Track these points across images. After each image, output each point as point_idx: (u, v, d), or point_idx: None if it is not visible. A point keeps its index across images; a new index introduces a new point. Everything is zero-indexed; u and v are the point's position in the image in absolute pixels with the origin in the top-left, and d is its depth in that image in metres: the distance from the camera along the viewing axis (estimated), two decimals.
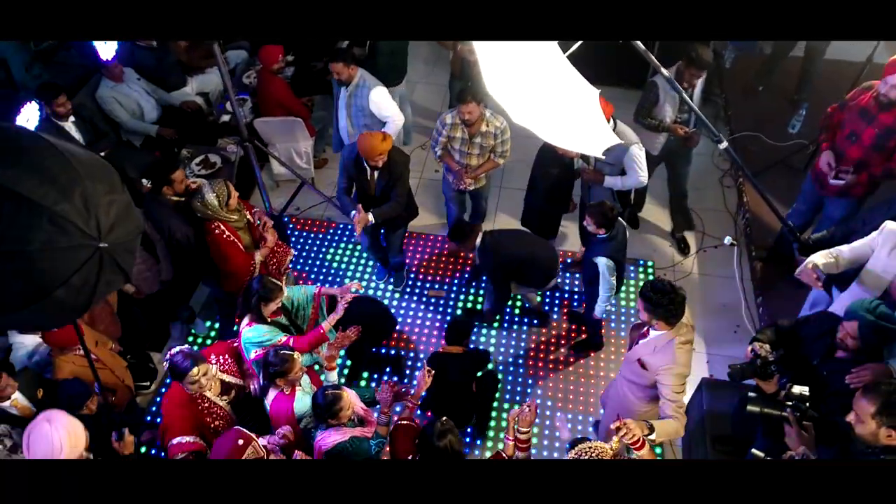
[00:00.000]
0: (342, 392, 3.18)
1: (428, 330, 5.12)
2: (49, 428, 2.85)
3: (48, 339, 3.48)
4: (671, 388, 3.04)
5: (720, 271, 5.40)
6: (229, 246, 4.09)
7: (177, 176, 4.04)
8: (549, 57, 2.32)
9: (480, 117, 4.52)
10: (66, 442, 2.84)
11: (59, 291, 1.74)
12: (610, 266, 4.01)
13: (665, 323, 3.04)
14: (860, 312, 2.66)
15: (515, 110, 2.19)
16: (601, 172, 4.48)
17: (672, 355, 3.05)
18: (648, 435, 2.83)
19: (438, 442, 2.95)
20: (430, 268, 5.58)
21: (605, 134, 2.52)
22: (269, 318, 3.58)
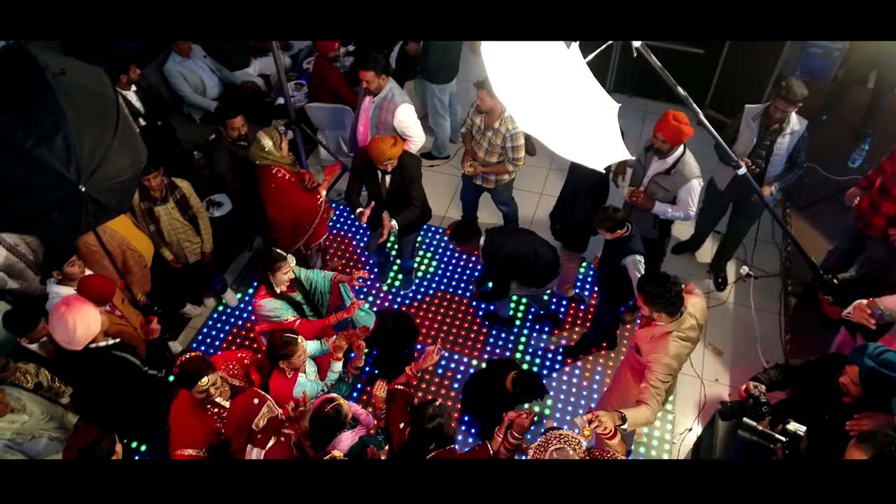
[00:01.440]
0: (339, 402, 3.19)
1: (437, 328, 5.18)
2: (65, 310, 3.17)
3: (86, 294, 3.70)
4: (655, 374, 3.09)
5: (757, 303, 5.20)
6: (293, 187, 4.35)
7: (234, 122, 4.33)
8: (562, 63, 2.30)
9: (498, 113, 4.51)
10: (79, 324, 3.17)
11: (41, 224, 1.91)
12: (639, 261, 3.91)
13: (666, 315, 3.09)
14: (863, 357, 2.53)
15: (521, 115, 2.17)
16: (652, 197, 4.28)
17: (665, 345, 3.10)
18: (621, 425, 2.85)
19: (427, 424, 3.00)
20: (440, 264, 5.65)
21: (614, 150, 2.47)
22: (285, 293, 3.70)
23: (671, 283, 3.03)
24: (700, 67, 6.49)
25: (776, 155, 4.26)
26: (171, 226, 4.50)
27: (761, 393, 2.82)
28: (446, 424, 3.06)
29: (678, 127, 3.93)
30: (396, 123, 4.70)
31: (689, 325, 3.13)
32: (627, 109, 6.72)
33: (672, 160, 4.11)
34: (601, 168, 2.34)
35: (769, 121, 4.18)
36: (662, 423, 4.58)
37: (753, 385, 2.87)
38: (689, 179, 4.09)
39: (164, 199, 4.39)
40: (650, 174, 4.24)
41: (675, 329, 3.11)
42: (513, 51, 2.17)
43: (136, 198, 4.31)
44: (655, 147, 4.09)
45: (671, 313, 3.08)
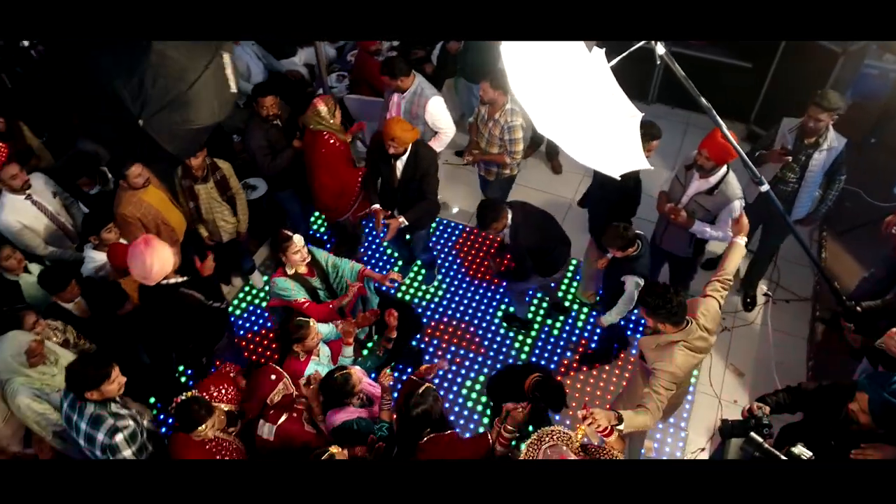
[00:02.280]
0: (350, 371, 3.34)
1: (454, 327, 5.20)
2: (143, 249, 3.46)
3: (113, 261, 3.91)
4: (658, 381, 3.06)
5: (785, 327, 5.06)
6: (342, 156, 4.53)
7: (265, 101, 4.51)
8: (584, 67, 2.28)
9: (500, 105, 4.54)
10: (155, 261, 3.46)
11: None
12: (638, 284, 3.89)
13: (671, 325, 3.06)
14: (873, 386, 2.45)
15: (539, 117, 2.16)
16: (692, 216, 4.14)
17: (671, 355, 3.07)
18: (617, 425, 2.84)
19: (412, 412, 3.04)
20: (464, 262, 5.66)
21: (633, 159, 2.44)
22: (302, 275, 3.78)
23: (672, 294, 3.00)
24: (746, 82, 6.35)
25: (811, 171, 4.12)
26: (209, 204, 4.64)
27: (764, 414, 2.76)
28: (433, 410, 3.08)
29: (725, 146, 3.71)
30: (428, 117, 4.78)
31: (698, 336, 3.09)
32: (669, 121, 6.62)
33: (715, 180, 3.97)
34: (617, 176, 2.33)
35: (805, 134, 4.05)
36: (674, 440, 4.50)
37: (758, 406, 2.81)
38: (732, 200, 3.96)
39: (205, 178, 4.54)
40: (690, 193, 4.10)
41: (682, 339, 3.07)
42: (533, 51, 2.16)
43: (179, 174, 4.51)
44: (698, 164, 3.93)
45: (675, 323, 3.05)
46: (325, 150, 4.57)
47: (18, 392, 3.31)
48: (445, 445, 3.07)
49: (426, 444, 3.06)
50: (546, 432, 2.82)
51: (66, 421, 3.08)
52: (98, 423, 2.99)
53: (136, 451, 3.08)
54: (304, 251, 3.76)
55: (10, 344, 3.31)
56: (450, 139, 4.98)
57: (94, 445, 3.02)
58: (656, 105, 6.97)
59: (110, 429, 2.99)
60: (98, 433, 2.99)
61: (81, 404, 3.01)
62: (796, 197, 4.25)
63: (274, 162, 4.75)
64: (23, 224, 4.16)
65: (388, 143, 4.19)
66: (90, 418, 2.99)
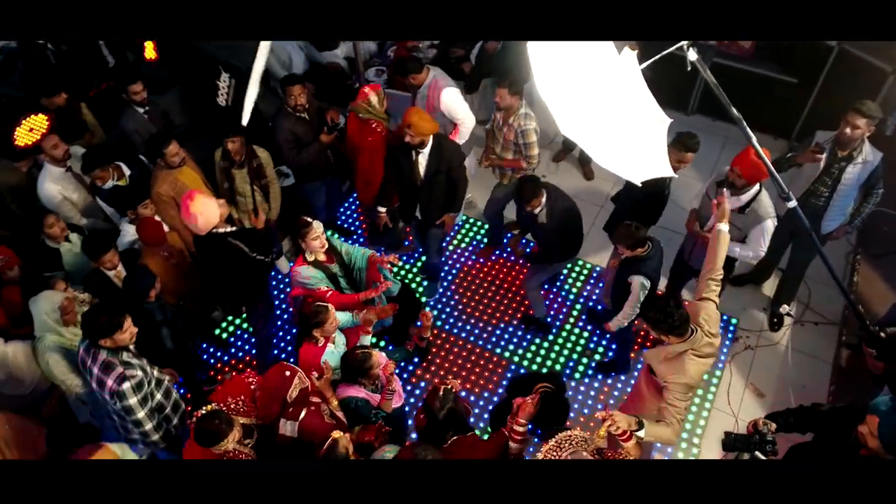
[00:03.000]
0: (372, 352, 3.42)
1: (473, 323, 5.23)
2: (190, 203, 3.73)
3: (140, 234, 4.08)
4: (674, 395, 3.03)
5: (811, 349, 4.93)
6: (384, 146, 4.67)
7: (293, 90, 4.61)
8: (613, 69, 2.26)
9: (514, 110, 4.53)
10: (201, 215, 3.72)
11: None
12: (644, 285, 3.85)
13: (675, 337, 3.04)
14: (883, 408, 2.39)
15: (562, 117, 2.14)
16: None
17: (682, 366, 3.04)
18: (637, 430, 2.83)
19: (440, 414, 3.10)
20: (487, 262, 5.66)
21: (656, 166, 2.42)
22: (322, 262, 3.87)
23: (672, 308, 2.97)
24: (790, 98, 6.20)
25: (843, 185, 4.02)
26: (242, 188, 4.77)
27: (769, 431, 2.71)
28: (457, 408, 3.14)
29: (758, 164, 3.60)
30: (443, 107, 4.80)
31: (705, 343, 3.05)
32: (707, 133, 6.49)
33: (746, 198, 3.89)
34: (638, 182, 2.31)
35: (839, 145, 3.95)
36: (686, 455, 4.44)
37: (763, 422, 2.76)
38: (764, 220, 3.88)
39: (242, 164, 4.66)
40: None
41: (689, 348, 3.03)
42: (561, 50, 2.14)
43: (218, 155, 4.65)
44: (729, 180, 3.85)
45: (679, 334, 3.02)
46: (371, 137, 4.76)
47: (49, 349, 3.49)
48: (468, 446, 3.12)
49: (450, 446, 3.11)
50: (564, 438, 2.81)
51: (81, 364, 3.29)
52: (108, 369, 3.17)
53: (140, 399, 3.24)
54: (322, 238, 3.83)
55: (45, 302, 3.49)
56: (470, 130, 5.00)
57: (103, 389, 3.20)
58: (696, 116, 6.85)
59: (119, 376, 3.16)
60: (108, 378, 3.17)
61: (95, 350, 3.19)
62: (826, 211, 4.14)
63: (299, 155, 4.83)
64: (63, 195, 4.38)
65: (405, 132, 4.22)
66: (102, 364, 3.18)
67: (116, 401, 3.21)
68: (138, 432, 3.39)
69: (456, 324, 5.19)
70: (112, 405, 3.25)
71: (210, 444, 2.95)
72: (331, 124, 4.86)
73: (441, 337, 5.10)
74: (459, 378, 4.82)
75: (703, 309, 3.17)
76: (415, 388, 4.75)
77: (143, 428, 3.36)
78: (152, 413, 3.36)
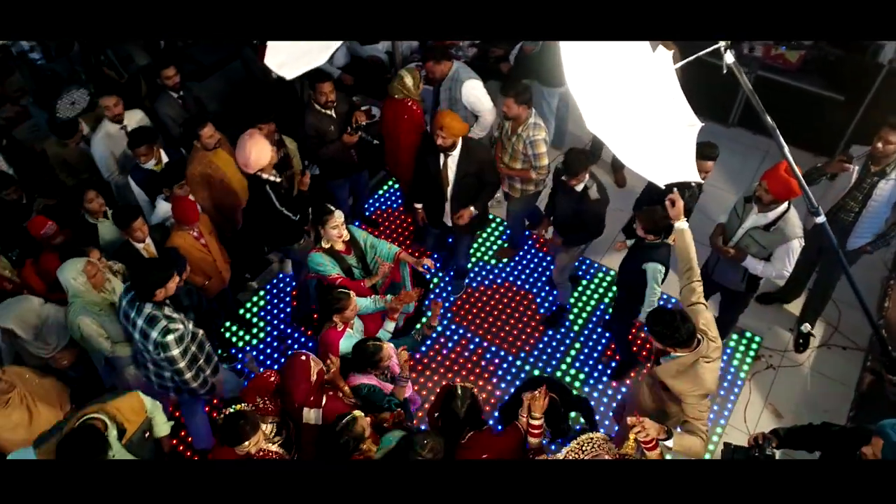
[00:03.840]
0: (384, 345, 3.50)
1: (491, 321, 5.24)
2: (247, 139, 4.08)
3: (174, 212, 4.22)
4: (694, 408, 3.00)
5: (836, 374, 4.80)
6: (419, 126, 4.85)
7: (323, 87, 4.70)
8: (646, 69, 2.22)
9: (523, 120, 4.51)
10: (253, 151, 4.04)
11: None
12: (659, 272, 3.82)
13: (682, 348, 3.00)
14: (888, 430, 2.33)
15: (590, 114, 2.09)
16: (744, 251, 3.98)
17: (698, 376, 3.00)
18: (665, 440, 2.81)
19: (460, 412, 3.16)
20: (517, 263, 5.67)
21: (683, 169, 2.39)
22: (339, 252, 3.96)
23: (680, 322, 2.93)
24: (836, 115, 6.04)
25: (874, 201, 3.93)
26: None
27: (770, 446, 2.66)
28: (475, 404, 3.19)
29: (788, 181, 3.54)
30: (465, 99, 4.83)
31: (713, 348, 3.03)
32: (747, 147, 6.39)
33: (773, 216, 3.81)
34: (661, 184, 2.30)
35: (873, 160, 3.86)
36: None
37: (765, 436, 2.72)
38: (790, 239, 3.79)
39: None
40: (746, 226, 3.95)
41: (700, 357, 3.00)
42: (594, 48, 2.09)
43: None
44: (757, 195, 3.79)
45: (687, 346, 2.98)
46: (407, 115, 4.90)
47: (79, 312, 3.65)
48: (485, 442, 3.16)
49: (468, 442, 3.15)
50: (586, 440, 2.81)
51: (124, 318, 3.50)
52: (153, 323, 3.39)
53: (181, 351, 3.48)
54: (342, 228, 3.91)
55: (70, 267, 3.66)
56: (490, 122, 5.01)
57: (147, 341, 3.43)
58: (737, 129, 6.72)
59: (163, 329, 3.39)
60: (153, 331, 3.39)
61: (140, 305, 3.41)
62: (854, 226, 4.03)
63: (320, 150, 4.90)
64: (111, 150, 4.71)
65: (437, 134, 4.23)
66: (147, 317, 3.40)
67: (160, 351, 3.44)
68: (179, 380, 3.64)
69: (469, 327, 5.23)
70: (154, 355, 3.46)
71: (233, 443, 2.99)
72: (355, 125, 4.88)
73: (452, 340, 5.16)
74: (471, 378, 4.87)
75: (699, 315, 3.13)
76: (419, 377, 4.84)
77: (184, 376, 3.61)
78: (190, 364, 3.58)
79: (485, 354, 5.04)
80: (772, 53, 6.29)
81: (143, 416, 3.23)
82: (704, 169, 4.09)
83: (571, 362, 4.98)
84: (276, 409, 3.39)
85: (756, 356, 4.97)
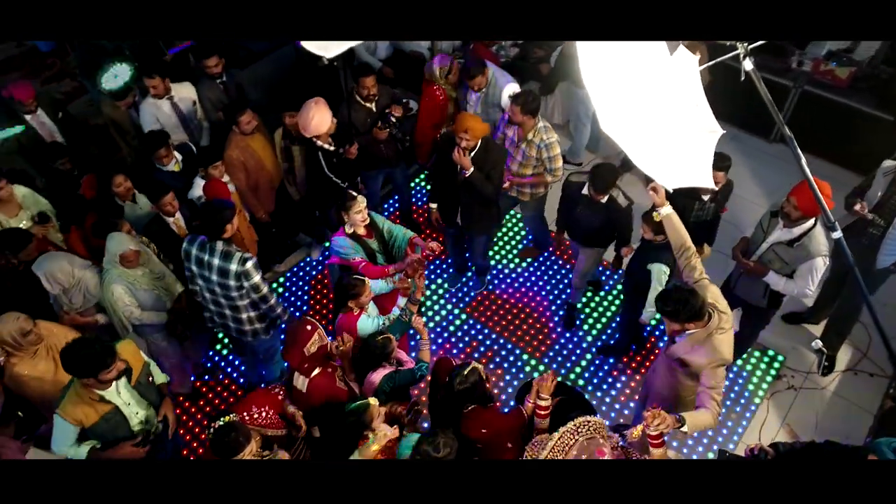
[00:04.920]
0: (390, 337, 3.65)
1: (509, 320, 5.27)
2: (312, 104, 4.39)
3: (206, 191, 4.43)
4: (712, 377, 3.06)
5: (860, 400, 4.68)
6: (442, 109, 5.11)
7: (366, 81, 4.82)
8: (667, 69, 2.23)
9: (531, 126, 4.51)
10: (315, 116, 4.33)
11: None
12: (664, 273, 3.87)
13: (696, 322, 3.06)
14: (883, 448, 2.30)
15: (605, 113, 2.10)
16: (766, 266, 3.93)
17: (713, 347, 3.07)
18: (679, 427, 2.85)
19: (458, 386, 3.22)
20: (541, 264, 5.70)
21: (697, 175, 2.38)
22: (361, 236, 4.07)
23: (687, 294, 3.01)
24: (884, 135, 5.83)
25: None
26: (301, 168, 4.94)
27: (766, 458, 2.64)
28: (477, 387, 3.23)
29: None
30: (504, 102, 4.92)
31: (725, 319, 3.10)
32: (787, 164, 6.22)
33: (798, 231, 3.74)
34: (670, 188, 2.31)
35: None
36: None
37: (761, 447, 2.71)
38: (814, 257, 3.71)
39: (302, 141, 4.80)
40: (770, 241, 3.90)
41: (713, 329, 3.07)
42: (613, 48, 2.08)
43: (278, 136, 4.88)
44: (784, 211, 3.74)
45: (700, 318, 3.04)
46: (429, 98, 5.17)
47: (112, 280, 3.85)
48: (486, 416, 3.24)
49: (469, 413, 3.24)
50: (583, 422, 2.83)
51: (197, 263, 3.80)
52: (229, 257, 3.71)
53: (262, 276, 3.83)
54: (364, 213, 4.00)
55: (117, 241, 3.85)
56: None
57: (227, 277, 3.73)
58: (779, 145, 6.57)
59: (241, 258, 3.70)
60: (231, 264, 3.70)
61: (211, 244, 3.72)
62: (882, 243, 3.94)
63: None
64: (157, 119, 4.98)
65: (461, 137, 4.26)
66: (222, 254, 3.72)
67: (243, 280, 3.74)
68: (265, 308, 3.97)
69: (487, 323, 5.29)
70: (236, 291, 3.77)
71: (225, 456, 2.89)
72: (390, 118, 4.95)
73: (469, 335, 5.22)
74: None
75: (705, 290, 3.18)
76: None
77: (269, 302, 3.95)
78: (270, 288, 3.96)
79: (500, 351, 5.10)
80: (821, 69, 6.13)
81: (141, 360, 3.36)
82: (715, 179, 4.05)
83: (586, 365, 4.99)
84: (275, 423, 3.37)
85: (777, 376, 4.88)
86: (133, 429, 3.28)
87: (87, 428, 3.15)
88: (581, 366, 4.99)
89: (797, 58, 6.30)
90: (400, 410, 3.49)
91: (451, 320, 5.31)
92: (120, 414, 3.20)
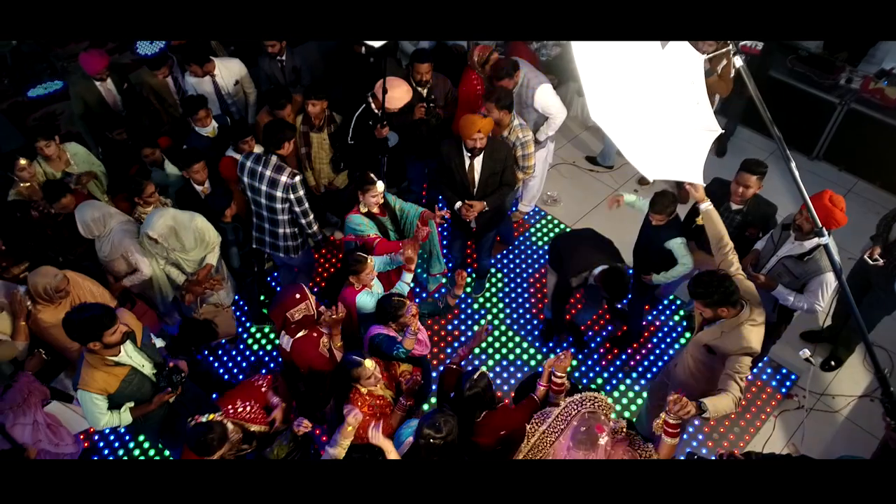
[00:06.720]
0: (407, 301, 3.68)
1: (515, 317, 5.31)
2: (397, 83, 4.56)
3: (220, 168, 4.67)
4: (737, 362, 3.09)
5: (873, 428, 4.51)
6: (476, 96, 5.08)
7: (421, 67, 4.94)
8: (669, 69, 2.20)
9: (506, 124, 4.51)
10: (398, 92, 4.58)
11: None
12: (682, 243, 4.02)
13: (729, 308, 3.09)
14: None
15: (596, 104, 2.12)
16: (775, 280, 3.85)
17: (743, 335, 3.10)
18: (702, 414, 2.86)
19: (466, 392, 3.19)
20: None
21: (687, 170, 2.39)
22: (375, 214, 4.19)
23: (719, 278, 3.03)
24: None
25: None
26: (318, 154, 5.05)
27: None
28: (486, 393, 3.21)
29: (831, 210, 3.42)
30: (537, 104, 4.94)
31: (757, 312, 3.13)
32: (829, 182, 6.03)
33: (809, 245, 3.68)
34: (651, 178, 2.33)
35: None
36: None
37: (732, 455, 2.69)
38: (825, 272, 3.65)
39: (321, 128, 4.88)
40: (781, 254, 3.83)
41: (745, 320, 3.10)
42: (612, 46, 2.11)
43: (299, 120, 4.92)
44: (796, 224, 3.69)
45: (734, 303, 3.08)
46: (464, 83, 5.22)
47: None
48: (500, 418, 3.24)
49: (483, 420, 3.24)
50: (589, 397, 2.87)
51: (250, 174, 4.23)
52: (281, 170, 4.17)
53: (306, 191, 4.28)
54: (380, 198, 4.13)
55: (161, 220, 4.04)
56: (560, 122, 5.13)
57: (276, 188, 4.16)
58: (820, 162, 6.39)
59: (291, 172, 4.17)
60: (282, 176, 4.15)
61: (266, 157, 4.18)
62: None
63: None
64: (196, 89, 5.27)
65: (474, 138, 4.18)
66: (275, 167, 4.16)
67: (290, 192, 4.18)
68: (304, 223, 4.38)
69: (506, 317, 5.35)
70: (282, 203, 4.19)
71: (200, 454, 3.05)
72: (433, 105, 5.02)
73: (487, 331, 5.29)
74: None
75: (739, 285, 3.20)
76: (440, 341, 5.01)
77: (309, 217, 4.36)
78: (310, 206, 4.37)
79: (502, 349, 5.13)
80: (870, 87, 5.94)
81: (140, 325, 3.47)
82: (747, 183, 3.96)
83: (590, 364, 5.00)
84: (258, 418, 3.45)
85: (788, 394, 4.77)
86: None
87: (114, 395, 3.24)
88: (587, 365, 5.01)
89: (847, 74, 6.13)
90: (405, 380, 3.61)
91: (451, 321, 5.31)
92: (139, 374, 3.32)
